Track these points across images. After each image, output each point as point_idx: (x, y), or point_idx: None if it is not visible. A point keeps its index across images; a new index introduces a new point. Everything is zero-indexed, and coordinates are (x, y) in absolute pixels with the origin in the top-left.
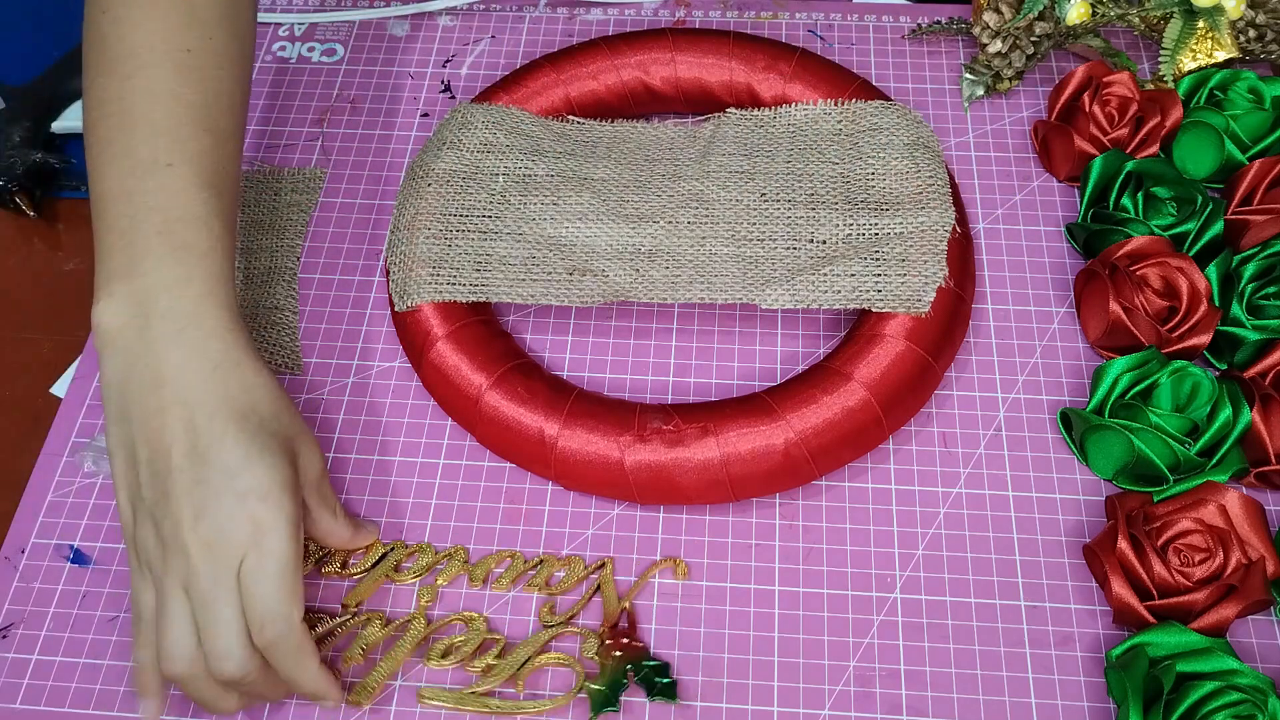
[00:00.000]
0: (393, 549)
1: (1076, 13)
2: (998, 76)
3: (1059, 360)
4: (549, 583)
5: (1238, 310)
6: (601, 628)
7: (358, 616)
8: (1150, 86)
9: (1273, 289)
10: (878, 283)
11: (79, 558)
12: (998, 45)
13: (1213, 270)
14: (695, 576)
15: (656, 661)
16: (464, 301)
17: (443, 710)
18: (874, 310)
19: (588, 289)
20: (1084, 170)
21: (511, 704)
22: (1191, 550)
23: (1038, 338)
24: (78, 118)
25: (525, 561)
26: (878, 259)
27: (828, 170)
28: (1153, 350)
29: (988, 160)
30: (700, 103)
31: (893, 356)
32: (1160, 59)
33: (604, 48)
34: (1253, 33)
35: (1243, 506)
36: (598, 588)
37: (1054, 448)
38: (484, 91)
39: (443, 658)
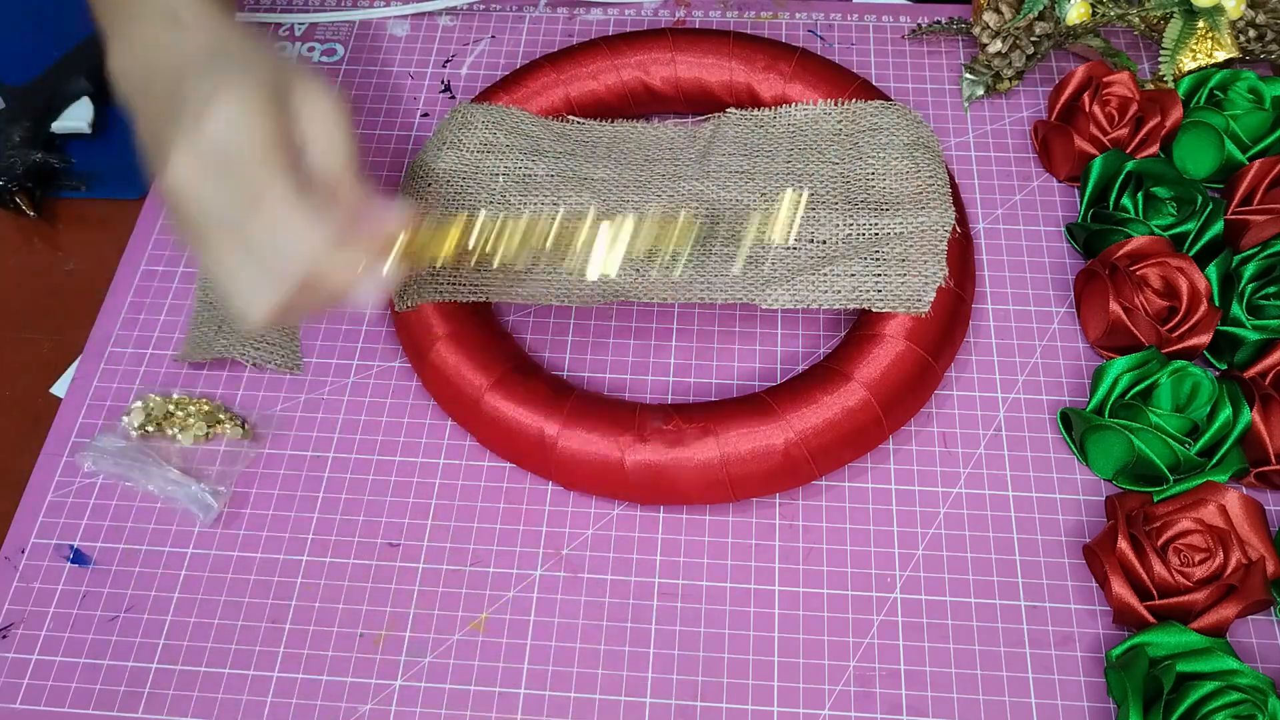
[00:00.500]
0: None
1: (1076, 13)
2: (998, 76)
3: (1059, 360)
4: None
5: (1238, 310)
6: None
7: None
8: (1150, 86)
9: (1273, 289)
10: (878, 283)
11: (79, 558)
12: (998, 45)
13: (1213, 270)
14: (695, 576)
15: None
16: (464, 301)
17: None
18: (874, 310)
19: (588, 289)
20: (1084, 170)
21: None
22: (1191, 550)
23: (1038, 338)
24: (78, 118)
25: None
26: (878, 259)
27: (828, 170)
28: (1153, 350)
29: (988, 160)
30: (700, 103)
31: (893, 356)
32: (1160, 59)
33: (604, 48)
34: (1253, 33)
35: (1243, 506)
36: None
37: (1054, 448)
38: (484, 91)
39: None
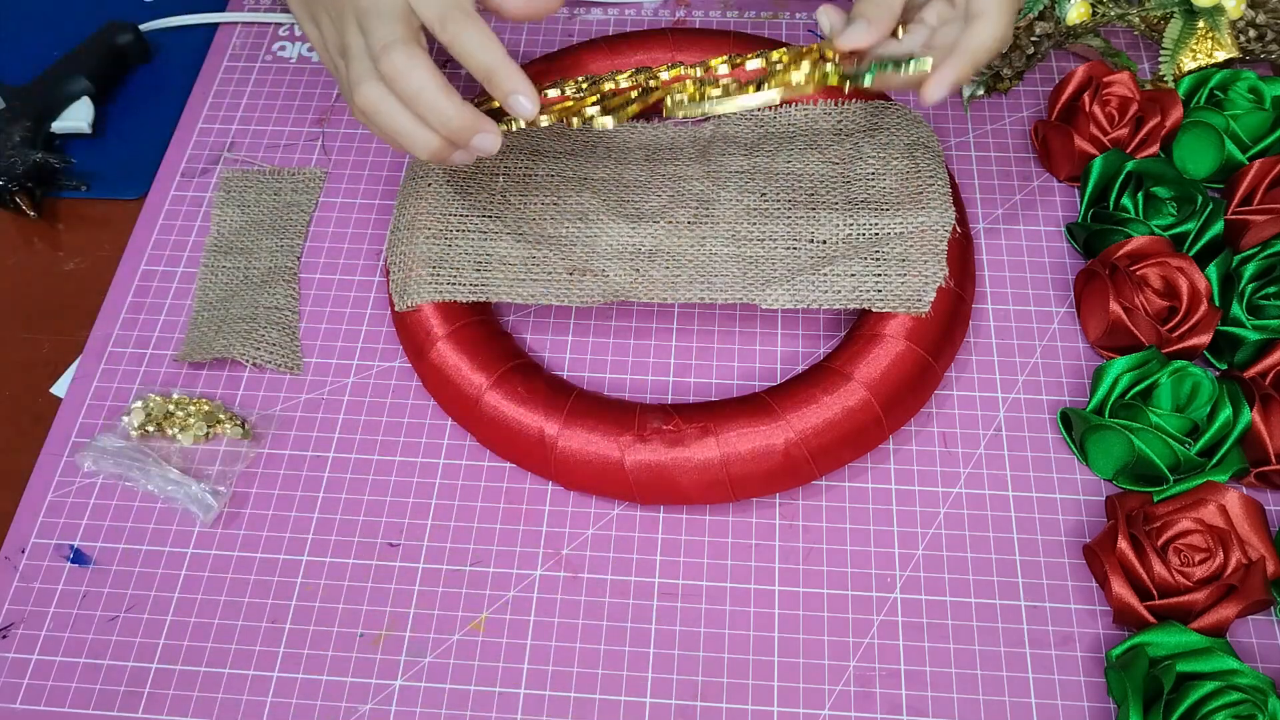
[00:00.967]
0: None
1: (1076, 13)
2: (998, 76)
3: (1059, 360)
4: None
5: (1238, 310)
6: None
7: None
8: (1150, 86)
9: (1273, 289)
10: (878, 283)
11: (79, 558)
12: None
13: (1213, 270)
14: (695, 576)
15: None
16: (464, 301)
17: (704, 112)
18: (874, 310)
19: (588, 289)
20: (1084, 170)
21: (761, 92)
22: (1191, 550)
23: (1038, 338)
24: (78, 118)
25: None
26: (878, 259)
27: (828, 170)
28: (1153, 350)
29: (988, 160)
30: None
31: (893, 356)
32: (1160, 59)
33: (604, 48)
34: (1253, 33)
35: (1243, 506)
36: (821, 54)
37: (1054, 448)
38: (484, 91)
39: (680, 97)
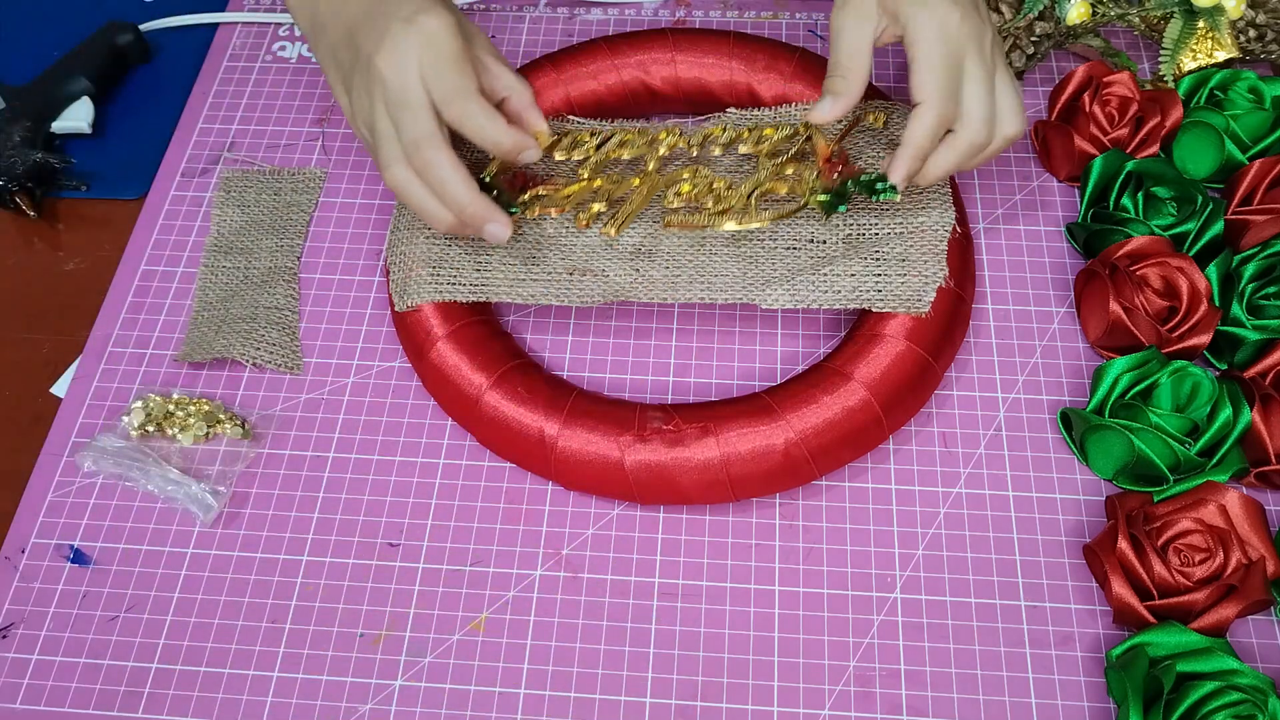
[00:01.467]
0: (566, 133)
1: (1076, 13)
2: None
3: (1059, 360)
4: (759, 143)
5: (1238, 310)
6: (816, 160)
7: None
8: (1150, 86)
9: (1273, 289)
10: (878, 283)
11: (79, 558)
12: None
13: (1213, 270)
14: (695, 576)
15: (875, 174)
16: (464, 301)
17: (687, 233)
18: (874, 310)
19: (588, 289)
20: (1084, 170)
21: (749, 214)
22: (1191, 550)
23: (1038, 338)
24: (78, 118)
25: (735, 127)
26: (878, 259)
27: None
28: (1153, 350)
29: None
30: (700, 103)
31: (893, 356)
32: (1160, 59)
33: (604, 48)
34: (1253, 33)
35: (1243, 506)
36: (808, 137)
37: (1054, 448)
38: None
39: (678, 197)
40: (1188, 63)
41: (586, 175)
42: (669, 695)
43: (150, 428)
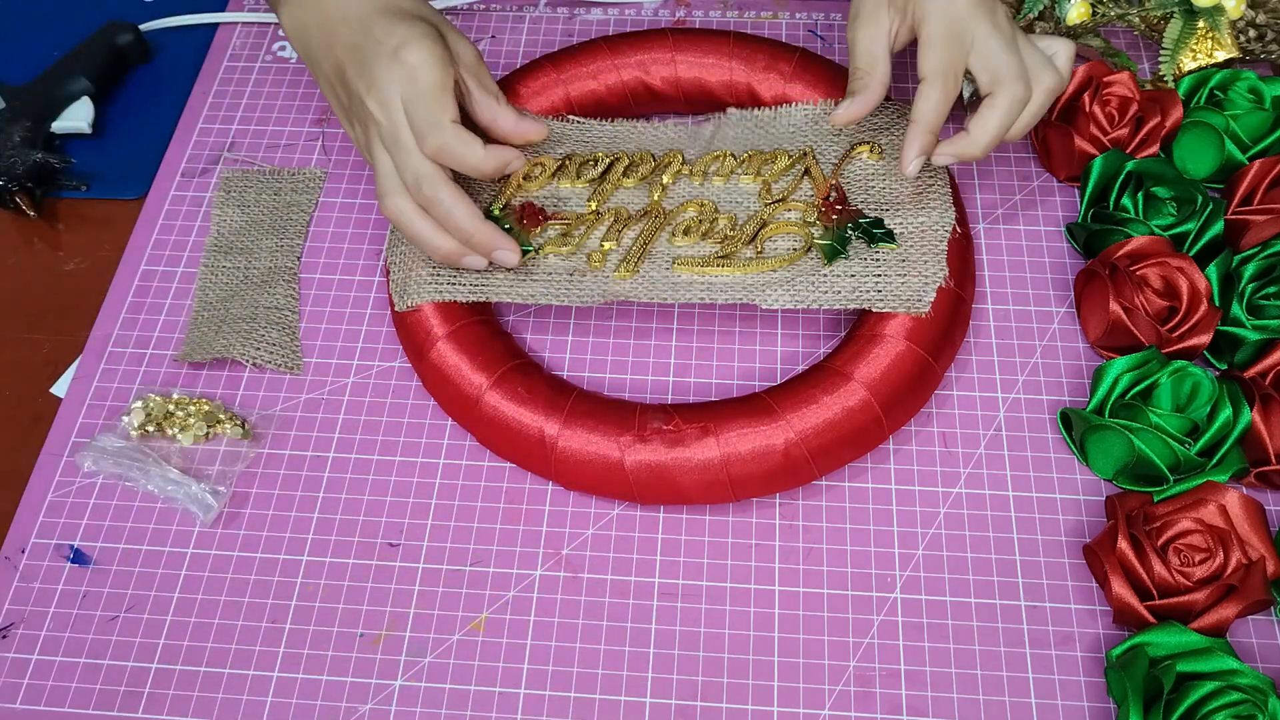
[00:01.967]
0: (570, 158)
1: (1076, 13)
2: None
3: (1059, 360)
4: (759, 173)
5: (1238, 310)
6: (816, 200)
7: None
8: (1150, 86)
9: (1273, 289)
10: (878, 283)
11: (79, 558)
12: None
13: (1213, 270)
14: (695, 576)
15: (872, 218)
16: (464, 301)
17: (695, 276)
18: (874, 310)
19: (588, 289)
20: (1084, 170)
21: (755, 262)
22: (1191, 550)
23: (1038, 338)
24: (78, 118)
25: (734, 158)
26: (878, 259)
27: (828, 170)
28: (1153, 350)
29: (988, 160)
30: (700, 102)
31: (893, 356)
32: (1160, 59)
33: (604, 47)
34: (1253, 33)
35: (1243, 506)
36: (806, 170)
37: (1054, 448)
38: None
39: (684, 235)
40: (1188, 63)
41: (594, 207)
42: (669, 695)
43: (150, 428)
